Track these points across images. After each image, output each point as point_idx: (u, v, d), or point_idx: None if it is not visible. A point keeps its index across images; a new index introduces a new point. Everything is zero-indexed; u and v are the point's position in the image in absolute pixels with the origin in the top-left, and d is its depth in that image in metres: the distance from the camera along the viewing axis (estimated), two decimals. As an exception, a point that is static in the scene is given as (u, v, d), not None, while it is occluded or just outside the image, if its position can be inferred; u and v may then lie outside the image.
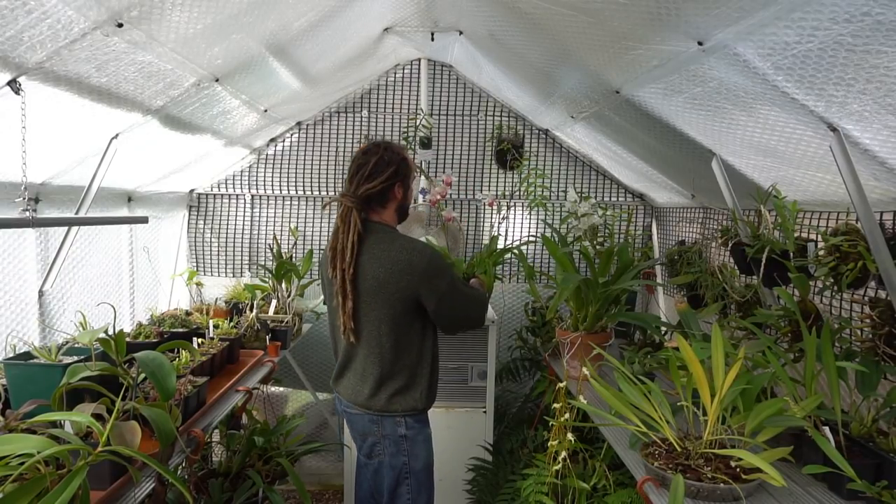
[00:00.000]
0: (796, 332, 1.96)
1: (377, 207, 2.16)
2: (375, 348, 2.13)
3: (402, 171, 2.17)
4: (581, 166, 3.95)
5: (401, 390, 2.16)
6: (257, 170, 3.90)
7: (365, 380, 2.17)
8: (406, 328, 2.14)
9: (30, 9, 1.37)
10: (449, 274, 2.15)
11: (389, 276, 2.06)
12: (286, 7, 2.07)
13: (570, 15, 1.89)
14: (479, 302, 2.33)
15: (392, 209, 2.20)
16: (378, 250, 2.09)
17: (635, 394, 1.67)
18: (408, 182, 2.22)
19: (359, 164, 2.14)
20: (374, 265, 2.08)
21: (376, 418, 2.18)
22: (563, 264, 2.48)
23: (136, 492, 1.65)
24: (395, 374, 2.16)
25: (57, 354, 1.88)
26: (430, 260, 2.10)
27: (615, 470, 2.40)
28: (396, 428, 2.18)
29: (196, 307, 3.46)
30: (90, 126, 2.12)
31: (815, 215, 2.16)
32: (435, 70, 3.87)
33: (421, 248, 2.12)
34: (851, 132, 1.53)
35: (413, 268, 2.07)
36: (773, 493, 1.52)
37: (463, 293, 2.22)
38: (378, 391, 2.16)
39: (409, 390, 2.18)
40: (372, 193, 2.12)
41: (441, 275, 2.12)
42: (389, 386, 2.16)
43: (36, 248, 2.33)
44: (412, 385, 2.18)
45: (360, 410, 2.20)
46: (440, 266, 2.13)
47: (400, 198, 2.19)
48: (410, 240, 2.17)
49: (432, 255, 2.12)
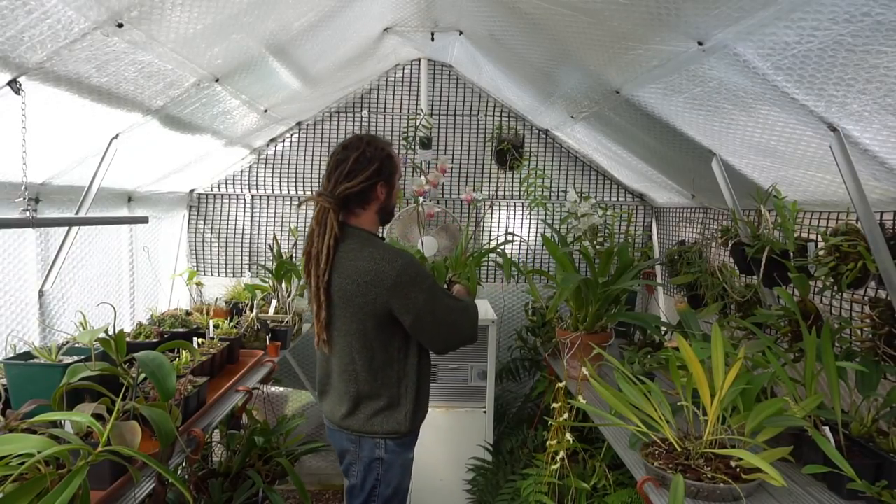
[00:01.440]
0: (796, 332, 1.96)
1: (356, 209, 1.96)
2: (349, 365, 1.96)
3: (385, 170, 1.96)
4: (581, 166, 3.95)
5: (381, 411, 1.97)
6: (257, 170, 3.90)
7: (341, 398, 2.00)
8: (382, 345, 1.94)
9: (30, 9, 1.37)
10: (426, 285, 1.90)
11: (356, 290, 1.87)
12: (286, 7, 2.07)
13: (570, 15, 1.89)
14: (467, 314, 2.04)
15: (373, 211, 1.99)
16: (346, 260, 1.90)
17: (635, 394, 1.67)
18: (392, 181, 2.00)
19: (338, 160, 1.94)
20: (342, 277, 1.89)
21: (355, 438, 2.01)
22: (563, 264, 2.48)
23: (136, 492, 1.65)
24: (373, 394, 1.97)
25: (57, 354, 1.88)
26: (402, 270, 1.86)
27: (615, 470, 2.40)
28: (374, 450, 1.99)
29: (196, 307, 3.46)
30: (90, 126, 2.12)
31: (815, 215, 2.16)
32: (435, 70, 3.87)
33: (391, 257, 1.88)
34: (851, 132, 1.53)
35: (381, 279, 1.85)
36: (773, 493, 1.52)
37: (446, 306, 1.96)
38: (355, 411, 1.98)
39: (390, 411, 1.98)
40: (351, 193, 1.91)
41: (415, 286, 1.87)
42: (368, 406, 1.98)
43: (36, 248, 2.33)
44: (394, 406, 1.98)
45: (337, 428, 2.04)
46: (414, 276, 1.88)
47: (383, 199, 1.98)
48: (383, 247, 1.92)
49: (404, 265, 1.87)
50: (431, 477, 3.21)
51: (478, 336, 2.10)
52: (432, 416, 2.29)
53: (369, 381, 1.96)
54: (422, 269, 1.92)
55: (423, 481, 3.18)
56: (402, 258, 1.89)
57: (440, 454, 3.22)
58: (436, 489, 3.23)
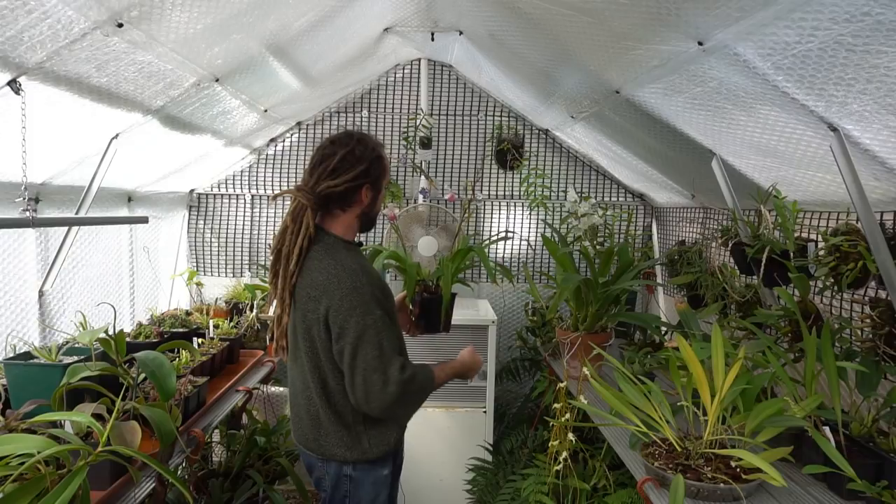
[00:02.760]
0: (796, 332, 1.96)
1: (336, 210, 1.81)
2: (305, 385, 1.81)
3: (373, 172, 1.80)
4: (581, 166, 3.95)
5: (342, 440, 1.78)
6: (257, 170, 3.90)
7: (302, 419, 1.84)
8: (334, 371, 1.75)
9: (30, 9, 1.37)
10: (366, 322, 1.66)
11: (309, 302, 1.73)
12: (286, 7, 2.07)
13: (570, 15, 1.89)
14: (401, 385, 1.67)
15: (353, 215, 1.82)
16: (308, 267, 1.76)
17: (635, 394, 1.67)
18: (379, 186, 1.83)
19: (323, 155, 1.79)
20: (302, 284, 1.76)
21: (322, 458, 1.84)
22: (564, 264, 2.48)
23: (136, 492, 1.65)
24: (331, 421, 1.77)
25: (57, 354, 1.88)
26: (347, 293, 1.66)
27: (615, 470, 2.40)
28: (342, 467, 1.81)
29: (196, 307, 3.45)
30: (90, 126, 2.12)
31: (815, 215, 2.16)
32: (435, 70, 3.87)
33: (343, 276, 1.68)
34: (851, 132, 1.53)
35: (328, 296, 1.68)
36: (773, 493, 1.52)
37: (374, 358, 1.65)
38: (317, 435, 1.81)
39: (352, 440, 1.78)
40: (333, 193, 1.76)
41: (353, 316, 1.65)
42: (329, 432, 1.79)
43: (36, 248, 2.33)
44: (353, 436, 1.78)
45: (302, 449, 1.89)
46: (355, 305, 1.66)
47: (366, 203, 1.82)
48: (342, 261, 1.73)
49: (352, 289, 1.67)
50: (431, 477, 3.21)
51: (405, 417, 1.82)
52: (432, 416, 2.29)
53: (325, 408, 1.77)
54: (370, 300, 1.68)
55: (423, 481, 3.18)
56: (352, 280, 1.68)
57: (440, 454, 3.22)
58: (436, 489, 3.23)
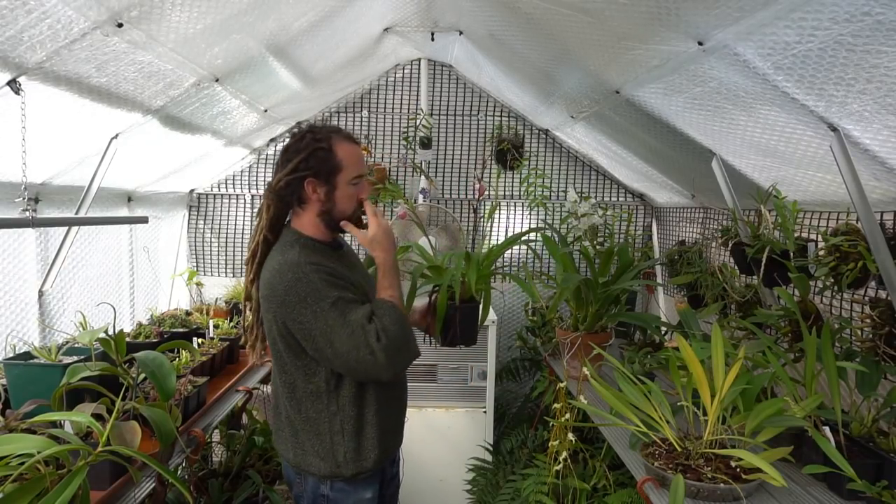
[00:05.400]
0: (796, 332, 1.96)
1: (296, 207, 1.70)
2: (274, 389, 1.76)
3: (314, 164, 1.62)
4: (581, 166, 3.95)
5: (314, 450, 1.67)
6: (257, 170, 3.90)
7: (278, 424, 1.76)
8: (303, 373, 1.65)
9: (30, 9, 1.37)
10: (321, 306, 1.54)
11: (262, 303, 1.66)
12: (286, 7, 2.07)
13: (570, 15, 1.89)
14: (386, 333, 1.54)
15: (313, 214, 1.68)
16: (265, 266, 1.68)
17: (635, 394, 1.67)
18: (331, 181, 1.64)
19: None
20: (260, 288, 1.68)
21: (298, 473, 1.74)
22: (564, 264, 2.48)
23: (136, 492, 1.65)
24: (304, 428, 1.68)
25: (57, 354, 1.89)
26: (291, 286, 1.55)
27: (615, 470, 2.40)
28: (319, 485, 1.70)
29: (196, 307, 3.46)
30: (90, 126, 2.12)
31: (815, 215, 2.16)
32: (435, 70, 3.87)
33: (290, 265, 1.58)
34: (852, 132, 1.53)
35: (274, 295, 1.59)
36: (773, 493, 1.52)
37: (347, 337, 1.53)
38: (292, 442, 1.71)
39: (325, 451, 1.67)
40: (279, 188, 1.66)
41: (305, 307, 1.54)
42: (302, 439, 1.69)
43: (36, 248, 2.33)
44: (327, 446, 1.66)
45: (283, 458, 1.79)
46: (304, 295, 1.55)
47: (321, 199, 1.66)
48: (289, 253, 1.62)
49: (294, 280, 1.55)
50: (431, 477, 3.21)
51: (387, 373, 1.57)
52: (432, 416, 2.29)
53: (296, 413, 1.68)
54: (319, 284, 1.56)
55: (423, 481, 3.18)
56: (293, 272, 1.57)
57: (440, 454, 3.22)
58: (436, 489, 3.23)
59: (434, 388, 3.20)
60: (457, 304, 1.88)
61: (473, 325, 1.95)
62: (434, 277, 1.96)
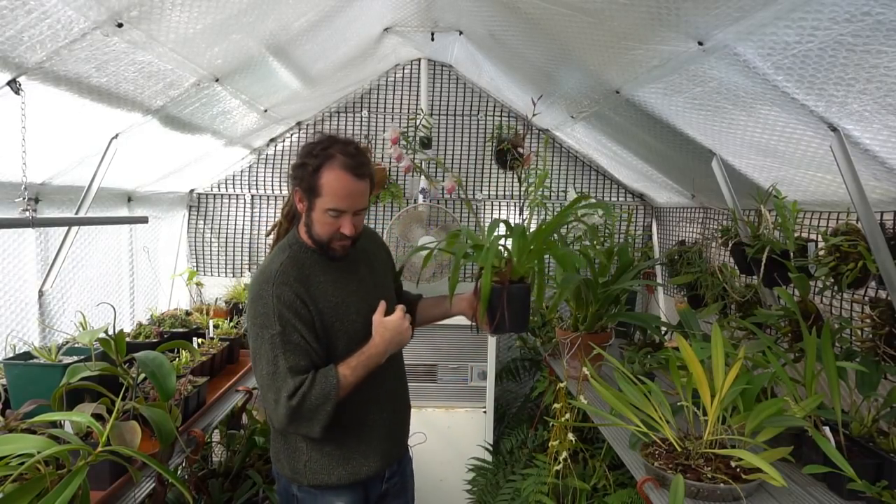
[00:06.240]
0: (796, 332, 1.96)
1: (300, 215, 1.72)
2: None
3: (299, 175, 1.62)
4: (581, 166, 3.95)
5: (283, 451, 1.73)
6: (257, 170, 3.90)
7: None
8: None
9: (30, 9, 1.37)
10: (264, 334, 1.56)
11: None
12: (286, 7, 2.07)
13: (570, 15, 1.89)
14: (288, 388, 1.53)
15: (303, 222, 1.69)
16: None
17: (635, 394, 1.67)
18: (311, 201, 1.62)
19: None
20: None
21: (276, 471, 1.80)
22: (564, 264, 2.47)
23: (136, 492, 1.65)
24: (274, 429, 1.72)
25: (57, 354, 1.89)
26: (257, 298, 1.59)
27: (615, 470, 2.40)
28: (290, 485, 1.74)
29: (196, 307, 3.46)
30: (90, 126, 2.12)
31: (815, 215, 2.16)
32: (435, 70, 3.87)
33: (263, 278, 1.61)
34: (852, 132, 1.53)
35: (248, 295, 1.67)
36: (773, 493, 1.52)
37: (267, 373, 1.55)
38: (272, 441, 1.78)
39: (288, 453, 1.71)
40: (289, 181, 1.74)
41: (253, 326, 1.59)
42: (275, 439, 1.76)
43: (36, 248, 2.33)
44: (291, 450, 1.71)
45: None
46: (253, 315, 1.58)
47: (303, 210, 1.66)
48: (272, 261, 1.65)
49: (261, 293, 1.58)
50: (431, 477, 3.21)
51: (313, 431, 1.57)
52: (432, 416, 2.29)
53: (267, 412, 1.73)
54: (271, 314, 1.55)
55: (424, 481, 3.18)
56: (259, 287, 1.60)
57: (440, 454, 3.22)
58: (436, 489, 3.23)
59: (434, 388, 3.20)
60: (504, 285, 1.69)
61: (524, 309, 1.76)
62: (477, 255, 1.77)
